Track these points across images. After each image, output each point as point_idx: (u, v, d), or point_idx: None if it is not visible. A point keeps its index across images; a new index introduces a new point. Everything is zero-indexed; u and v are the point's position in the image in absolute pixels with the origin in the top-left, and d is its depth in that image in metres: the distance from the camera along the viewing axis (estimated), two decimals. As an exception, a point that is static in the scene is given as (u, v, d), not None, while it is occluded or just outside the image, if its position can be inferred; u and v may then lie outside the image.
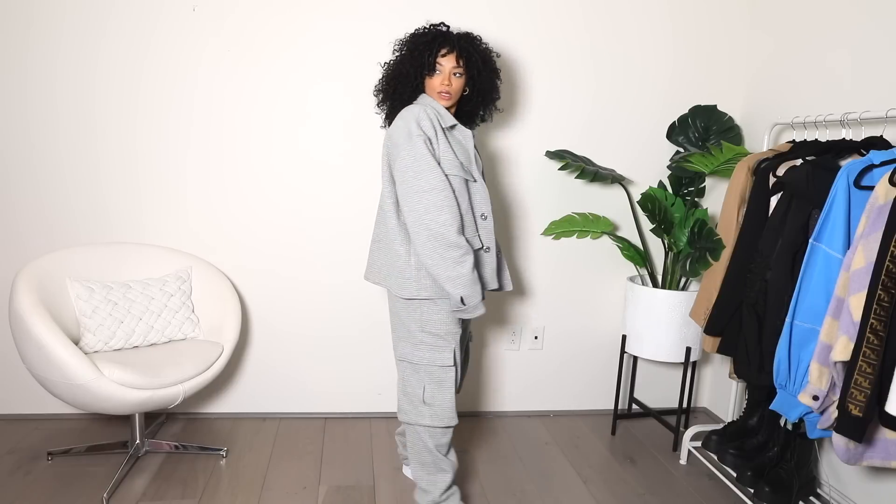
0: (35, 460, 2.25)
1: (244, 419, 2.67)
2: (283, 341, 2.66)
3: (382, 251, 1.88)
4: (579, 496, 2.18)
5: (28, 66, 2.34)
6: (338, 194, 2.58)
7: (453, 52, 1.81)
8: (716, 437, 2.19)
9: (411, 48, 1.83)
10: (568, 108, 2.65)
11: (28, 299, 1.98)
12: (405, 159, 1.73)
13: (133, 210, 2.48)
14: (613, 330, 2.87)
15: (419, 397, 1.86)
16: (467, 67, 1.84)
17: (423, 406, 1.86)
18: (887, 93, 1.98)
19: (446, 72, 1.81)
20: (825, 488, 2.18)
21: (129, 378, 1.95)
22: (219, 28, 2.40)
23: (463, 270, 1.73)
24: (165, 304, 2.27)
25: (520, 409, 2.87)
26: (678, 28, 2.66)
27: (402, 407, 1.91)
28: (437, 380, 1.86)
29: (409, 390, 1.88)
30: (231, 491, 2.11)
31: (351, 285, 2.65)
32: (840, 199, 1.68)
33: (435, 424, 1.86)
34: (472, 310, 1.78)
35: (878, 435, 1.61)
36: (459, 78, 1.83)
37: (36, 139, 2.39)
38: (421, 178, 1.72)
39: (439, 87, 1.82)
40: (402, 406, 1.90)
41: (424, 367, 1.85)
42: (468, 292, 1.74)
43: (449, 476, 1.93)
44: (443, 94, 1.82)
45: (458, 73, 1.82)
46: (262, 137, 2.50)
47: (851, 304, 1.53)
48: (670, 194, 2.54)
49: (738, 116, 2.75)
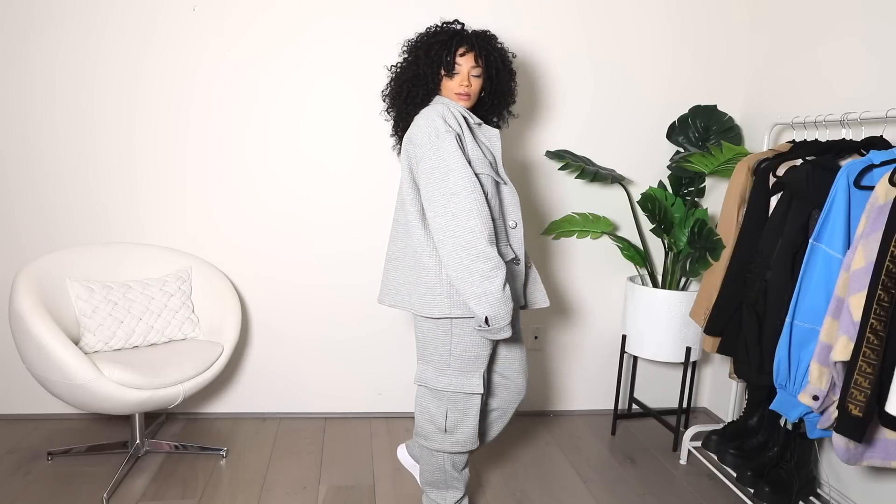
0: (35, 460, 2.25)
1: (244, 419, 2.67)
2: (283, 341, 2.66)
3: (402, 269, 1.70)
4: (579, 496, 2.18)
5: (28, 65, 2.34)
6: (337, 195, 2.58)
7: (472, 52, 1.69)
8: (716, 437, 2.19)
9: (426, 48, 1.70)
10: (568, 108, 2.65)
11: (28, 299, 1.98)
12: (431, 160, 1.59)
13: (133, 210, 2.48)
14: (613, 330, 2.87)
15: (440, 425, 1.73)
16: (486, 67, 1.73)
17: (445, 434, 1.73)
18: (887, 93, 1.98)
19: (465, 72, 1.69)
20: (825, 488, 2.18)
21: (129, 378, 1.95)
22: (219, 28, 2.40)
23: (491, 287, 1.53)
24: (165, 304, 2.27)
25: (520, 409, 2.87)
26: (678, 28, 2.66)
27: (421, 431, 1.77)
28: (461, 408, 1.72)
29: (429, 416, 1.75)
30: (231, 491, 2.11)
31: (351, 285, 2.65)
32: (840, 199, 1.68)
33: (455, 451, 1.74)
34: (496, 331, 1.58)
35: (878, 435, 1.61)
36: (478, 78, 1.72)
37: (36, 139, 2.39)
38: (448, 180, 1.56)
39: (458, 87, 1.70)
40: (422, 430, 1.76)
41: (449, 394, 1.71)
42: (495, 312, 1.54)
43: (459, 493, 1.85)
44: (462, 96, 1.71)
45: (476, 73, 1.71)
46: (262, 138, 2.50)
47: (851, 304, 1.53)
48: (670, 194, 2.54)
49: (738, 116, 2.75)
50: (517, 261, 1.75)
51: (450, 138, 1.58)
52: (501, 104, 1.83)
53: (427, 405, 1.75)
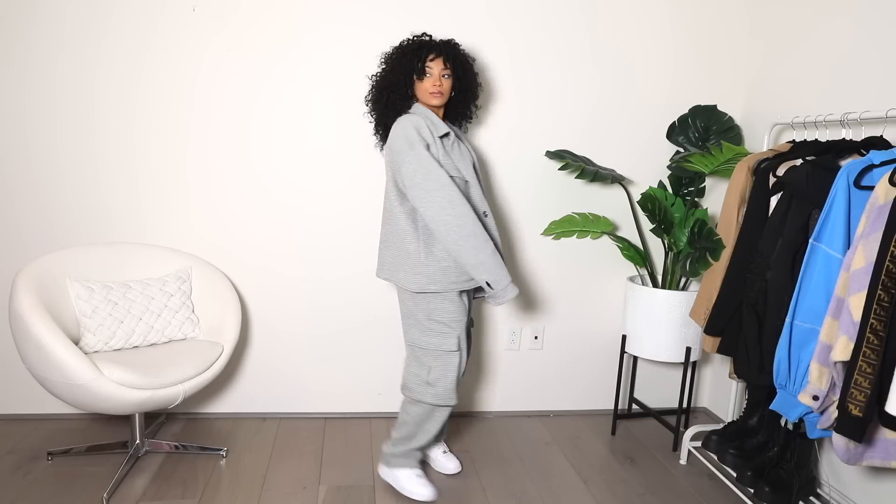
0: (35, 460, 2.25)
1: (244, 419, 2.67)
2: (283, 341, 2.66)
3: (391, 249, 2.02)
4: (579, 496, 2.18)
5: (29, 65, 2.34)
6: (338, 196, 2.58)
7: (440, 56, 1.96)
8: (716, 437, 2.19)
9: (399, 57, 1.98)
10: (568, 108, 2.65)
11: (28, 299, 1.98)
12: (411, 164, 1.86)
13: (133, 210, 2.48)
14: (613, 330, 2.87)
15: (423, 378, 2.03)
16: (454, 68, 2.00)
17: (427, 386, 2.02)
18: (887, 93, 1.98)
19: (436, 74, 1.96)
20: (825, 488, 2.18)
21: (129, 378, 1.95)
22: (219, 28, 2.40)
23: (483, 256, 1.86)
24: (165, 304, 2.27)
25: (520, 409, 2.87)
26: (678, 28, 2.66)
27: (407, 384, 2.07)
28: (442, 363, 2.01)
29: (415, 370, 2.05)
30: (231, 491, 2.11)
31: (351, 286, 2.65)
32: (840, 199, 1.68)
33: (437, 403, 2.02)
34: (501, 293, 1.90)
35: (878, 435, 1.61)
36: (448, 79, 1.99)
37: (36, 139, 2.39)
38: (430, 178, 1.85)
39: (431, 87, 1.96)
40: (408, 384, 2.06)
41: (431, 350, 2.01)
42: (493, 276, 1.88)
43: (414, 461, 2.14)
44: (435, 94, 1.97)
45: (446, 74, 1.98)
46: (262, 138, 2.50)
47: (851, 304, 1.53)
48: (670, 194, 2.54)
49: (738, 116, 2.75)
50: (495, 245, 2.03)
51: (422, 147, 1.87)
52: (469, 98, 2.12)
53: (416, 360, 2.05)
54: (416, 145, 1.87)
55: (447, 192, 1.84)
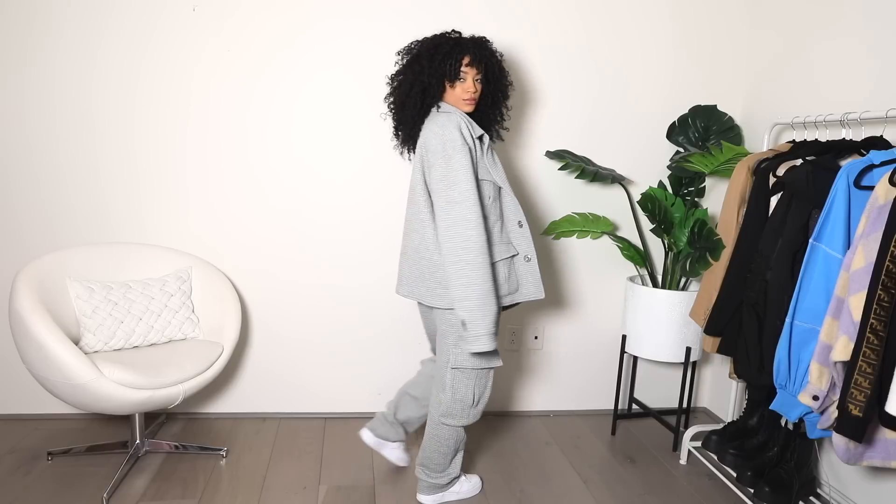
0: (35, 460, 2.25)
1: (244, 419, 2.67)
2: (283, 341, 2.66)
3: (413, 262, 1.87)
4: (579, 496, 2.18)
5: (28, 65, 2.34)
6: (339, 195, 2.58)
7: (475, 60, 1.82)
8: (716, 437, 2.19)
9: (429, 58, 1.81)
10: (568, 108, 2.65)
11: (28, 299, 1.98)
12: (441, 168, 1.74)
13: (133, 210, 2.48)
14: (613, 330, 2.87)
15: (471, 402, 1.91)
16: (486, 73, 1.87)
17: (473, 409, 1.93)
18: (887, 93, 1.98)
19: (470, 80, 1.83)
20: (825, 488, 2.18)
21: (129, 378, 1.95)
22: (219, 28, 2.40)
23: (472, 294, 1.71)
24: (165, 304, 2.27)
25: (520, 409, 2.87)
26: (678, 28, 2.66)
27: (451, 412, 1.92)
28: (485, 381, 1.93)
29: (461, 396, 1.91)
30: (231, 491, 2.11)
31: (351, 286, 2.65)
32: (840, 199, 1.68)
33: (474, 421, 1.95)
34: (472, 340, 1.74)
35: (878, 435, 1.61)
36: (480, 83, 1.86)
37: (36, 139, 2.39)
38: (453, 189, 1.72)
39: (465, 94, 1.83)
40: (452, 412, 1.91)
41: (477, 371, 1.89)
42: (471, 317, 1.72)
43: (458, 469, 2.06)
44: (468, 101, 1.84)
45: (479, 79, 1.85)
46: (262, 138, 2.50)
47: (851, 304, 1.53)
48: (670, 194, 2.54)
49: (738, 116, 2.75)
50: (528, 259, 1.91)
51: (464, 151, 1.73)
52: (499, 101, 1.97)
53: (461, 384, 1.90)
54: (458, 148, 1.73)
55: (465, 209, 1.71)
